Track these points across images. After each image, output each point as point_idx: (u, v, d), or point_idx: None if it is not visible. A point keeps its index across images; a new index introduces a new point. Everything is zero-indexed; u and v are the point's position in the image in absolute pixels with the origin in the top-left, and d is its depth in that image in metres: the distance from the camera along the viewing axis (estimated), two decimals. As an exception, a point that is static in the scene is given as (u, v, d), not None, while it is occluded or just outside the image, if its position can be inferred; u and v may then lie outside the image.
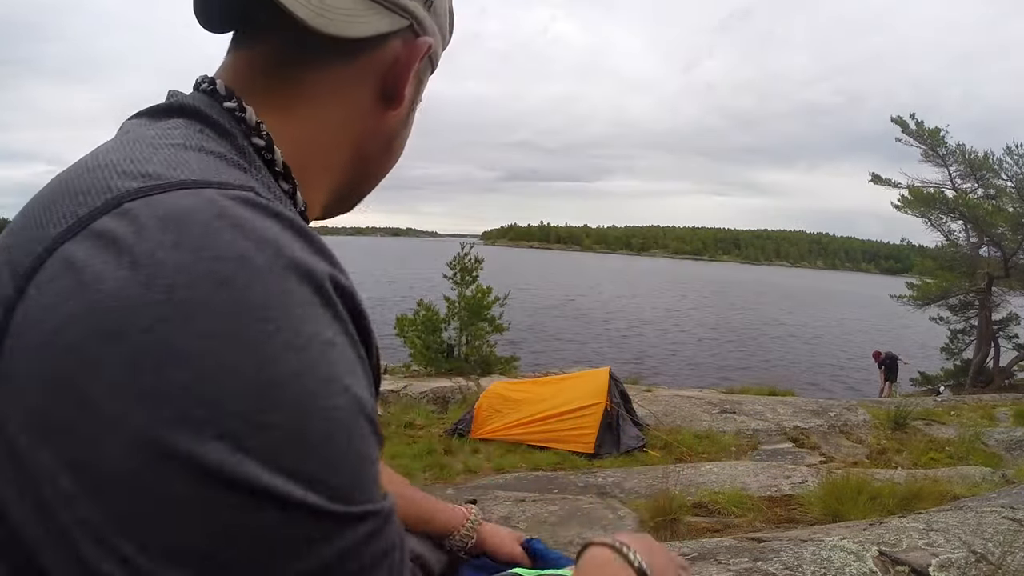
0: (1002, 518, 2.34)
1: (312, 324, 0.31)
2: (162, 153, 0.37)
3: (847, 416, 7.90)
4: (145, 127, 0.42)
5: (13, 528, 0.29)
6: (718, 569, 2.01)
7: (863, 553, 2.02)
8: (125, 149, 0.38)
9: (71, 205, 0.34)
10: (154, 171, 0.35)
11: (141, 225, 0.31)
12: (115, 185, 0.34)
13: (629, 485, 4.88)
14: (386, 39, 0.48)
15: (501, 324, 14.02)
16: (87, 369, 0.28)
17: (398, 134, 0.55)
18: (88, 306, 0.29)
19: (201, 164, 0.37)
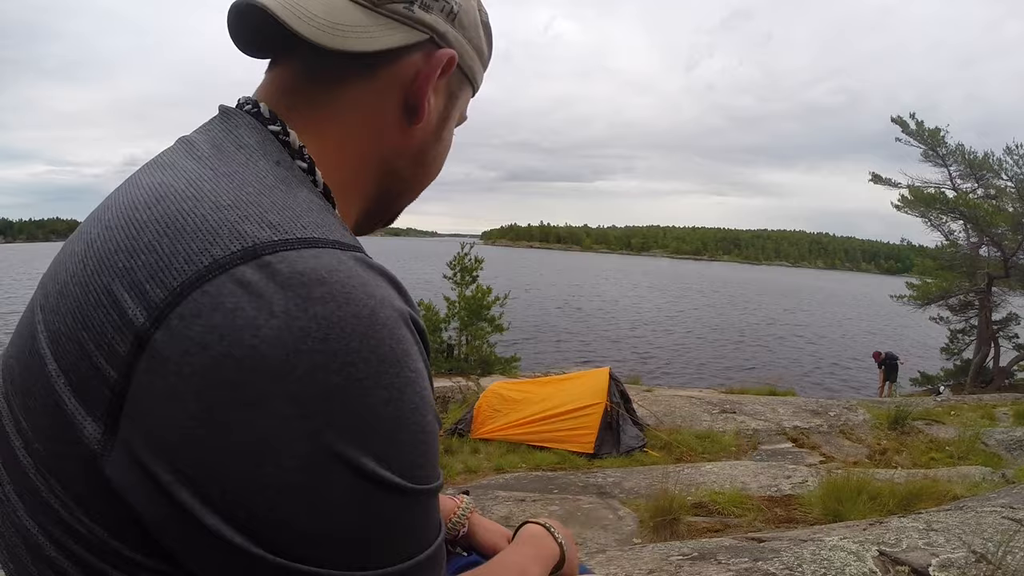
0: (1002, 518, 2.34)
1: (415, 360, 0.39)
2: (270, 197, 0.41)
3: (847, 416, 7.90)
4: (224, 156, 0.45)
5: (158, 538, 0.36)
6: (718, 569, 2.01)
7: (863, 553, 2.02)
8: (231, 187, 0.41)
9: (202, 243, 0.37)
10: (277, 221, 0.39)
11: (285, 281, 0.36)
12: (247, 233, 0.37)
13: (629, 485, 4.88)
14: (405, 53, 0.50)
15: (501, 324, 14.03)
16: (251, 403, 0.33)
17: (429, 149, 0.56)
18: (248, 348, 0.34)
19: (311, 217, 0.41)
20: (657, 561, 2.20)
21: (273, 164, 0.44)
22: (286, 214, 0.40)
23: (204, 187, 0.41)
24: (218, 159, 0.44)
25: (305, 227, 0.39)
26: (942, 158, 15.99)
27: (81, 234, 0.44)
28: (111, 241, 0.40)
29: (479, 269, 14.37)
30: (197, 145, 0.46)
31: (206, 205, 0.39)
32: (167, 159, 0.46)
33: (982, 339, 16.26)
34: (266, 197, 0.41)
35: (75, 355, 0.37)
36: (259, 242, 0.37)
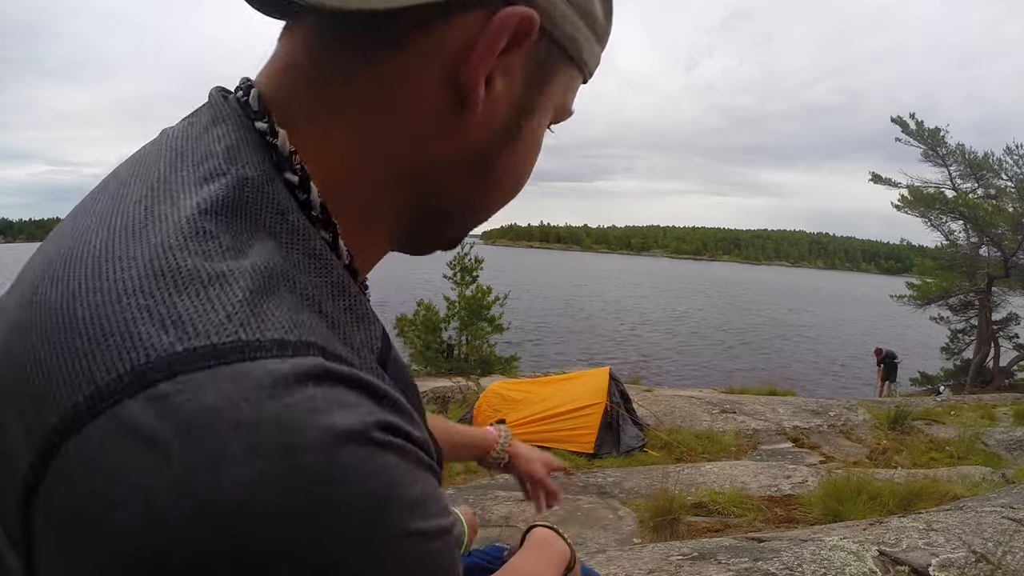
0: (1002, 518, 2.34)
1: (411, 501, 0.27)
2: (192, 265, 0.29)
3: (847, 416, 7.90)
4: (175, 177, 0.34)
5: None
6: (718, 569, 2.01)
7: (863, 553, 2.02)
8: (154, 244, 0.30)
9: (86, 359, 0.26)
10: (191, 312, 0.27)
11: (186, 426, 0.24)
12: (141, 338, 0.26)
13: (629, 485, 4.88)
14: (453, 11, 0.35)
15: (501, 324, 14.03)
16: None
17: (494, 152, 0.40)
18: (128, 536, 0.23)
19: (256, 294, 0.28)
20: (657, 561, 2.20)
21: (229, 210, 0.32)
22: (211, 295, 0.28)
23: (116, 248, 0.30)
24: (164, 185, 0.33)
25: (236, 318, 0.27)
26: (942, 158, 16.00)
27: (16, 286, 0.34)
28: (6, 334, 0.30)
29: (479, 269, 14.38)
30: (159, 155, 0.36)
31: (107, 285, 0.28)
32: (118, 179, 0.36)
33: (982, 339, 16.26)
34: (195, 260, 0.29)
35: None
36: (153, 357, 0.25)
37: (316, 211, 0.35)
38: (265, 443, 0.24)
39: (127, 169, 0.37)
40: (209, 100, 0.39)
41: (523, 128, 0.40)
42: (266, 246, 0.31)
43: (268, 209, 0.33)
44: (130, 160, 0.38)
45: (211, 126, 0.37)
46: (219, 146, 0.35)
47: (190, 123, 0.38)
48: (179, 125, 0.39)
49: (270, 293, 0.29)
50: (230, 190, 0.33)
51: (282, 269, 0.31)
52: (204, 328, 0.26)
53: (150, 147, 0.38)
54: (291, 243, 0.33)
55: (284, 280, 0.30)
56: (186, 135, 0.37)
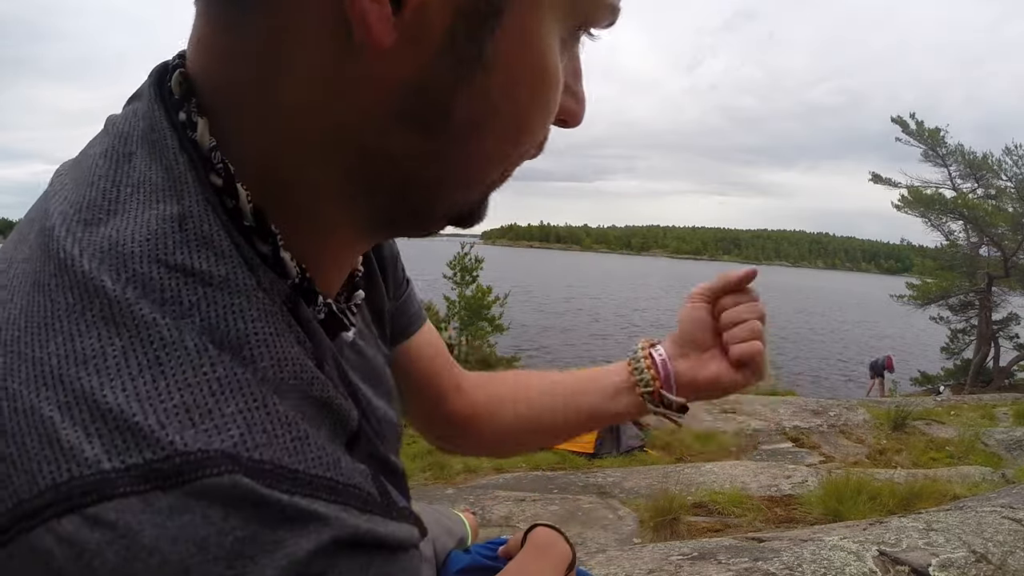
0: (1002, 518, 2.34)
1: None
2: (101, 342, 0.23)
3: (847, 416, 7.90)
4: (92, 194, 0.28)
5: None
6: (718, 569, 2.01)
7: (863, 553, 2.02)
8: (58, 307, 0.25)
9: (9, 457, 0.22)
10: (112, 406, 0.22)
11: (88, 568, 0.20)
12: (41, 468, 0.21)
13: (629, 485, 4.88)
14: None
15: (501, 324, 14.04)
16: None
17: (436, 90, 0.28)
18: None
19: (182, 389, 0.23)
20: (657, 561, 2.20)
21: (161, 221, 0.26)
22: (140, 383, 0.23)
23: (31, 310, 0.25)
24: (76, 210, 0.27)
25: (155, 427, 0.22)
26: (942, 158, 16.00)
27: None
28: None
29: (479, 269, 14.38)
30: (89, 168, 0.30)
31: (20, 368, 0.23)
32: (55, 199, 0.29)
33: (982, 339, 16.26)
34: (103, 332, 0.24)
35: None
36: (79, 476, 0.21)
37: (248, 220, 0.29)
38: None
39: (70, 175, 0.31)
40: (140, 91, 0.32)
41: (486, 46, 0.27)
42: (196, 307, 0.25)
43: (194, 244, 0.26)
44: (68, 171, 0.32)
45: (125, 137, 0.30)
46: (140, 169, 0.28)
47: (126, 115, 0.32)
48: (119, 116, 0.32)
49: (209, 376, 0.23)
50: (143, 224, 0.26)
51: (225, 338, 0.25)
52: (135, 436, 0.21)
53: (92, 151, 0.31)
54: (223, 296, 0.26)
55: (227, 355, 0.24)
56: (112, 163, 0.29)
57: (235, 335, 0.25)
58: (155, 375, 0.23)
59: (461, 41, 0.27)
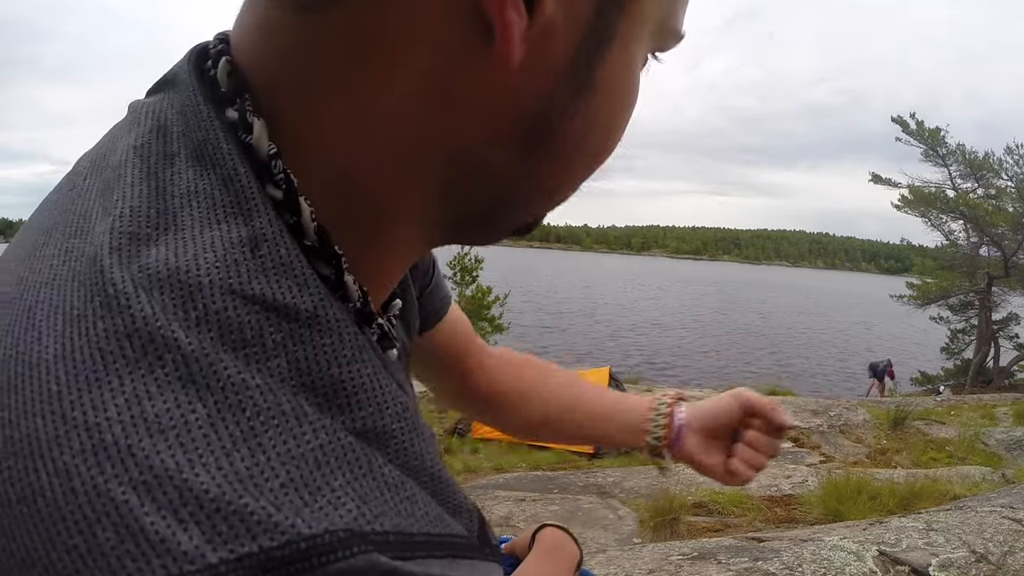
0: (1002, 518, 2.34)
1: None
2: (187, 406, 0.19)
3: (847, 416, 7.90)
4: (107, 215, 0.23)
5: None
6: (718, 569, 2.01)
7: (863, 553, 2.02)
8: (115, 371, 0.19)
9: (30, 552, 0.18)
10: (207, 487, 0.18)
11: None
12: (150, 537, 0.17)
13: (629, 485, 4.88)
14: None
15: (501, 324, 14.03)
16: None
17: (550, 112, 0.26)
18: None
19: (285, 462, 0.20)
20: (657, 561, 2.20)
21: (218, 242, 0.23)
22: (236, 456, 0.19)
23: (73, 366, 0.20)
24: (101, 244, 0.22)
25: (267, 510, 0.18)
26: (942, 158, 16.00)
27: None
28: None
29: (479, 269, 14.38)
30: (119, 165, 0.25)
31: (70, 436, 0.19)
32: (82, 199, 0.25)
33: (982, 339, 16.26)
34: (195, 397, 0.20)
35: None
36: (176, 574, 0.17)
37: (310, 239, 0.25)
38: None
39: (92, 175, 0.26)
40: (178, 72, 0.27)
41: (597, 70, 0.26)
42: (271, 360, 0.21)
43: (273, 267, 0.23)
44: (95, 157, 0.28)
45: (166, 141, 0.25)
46: (182, 181, 0.24)
47: (158, 107, 0.27)
48: (150, 104, 0.27)
49: (313, 445, 0.20)
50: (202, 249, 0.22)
51: (320, 388, 0.22)
52: (242, 522, 0.18)
53: (100, 171, 0.27)
54: (312, 335, 0.22)
55: (326, 415, 0.21)
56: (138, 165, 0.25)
57: (330, 383, 0.22)
58: (252, 449, 0.19)
59: (581, 65, 0.26)
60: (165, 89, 0.27)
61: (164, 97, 0.27)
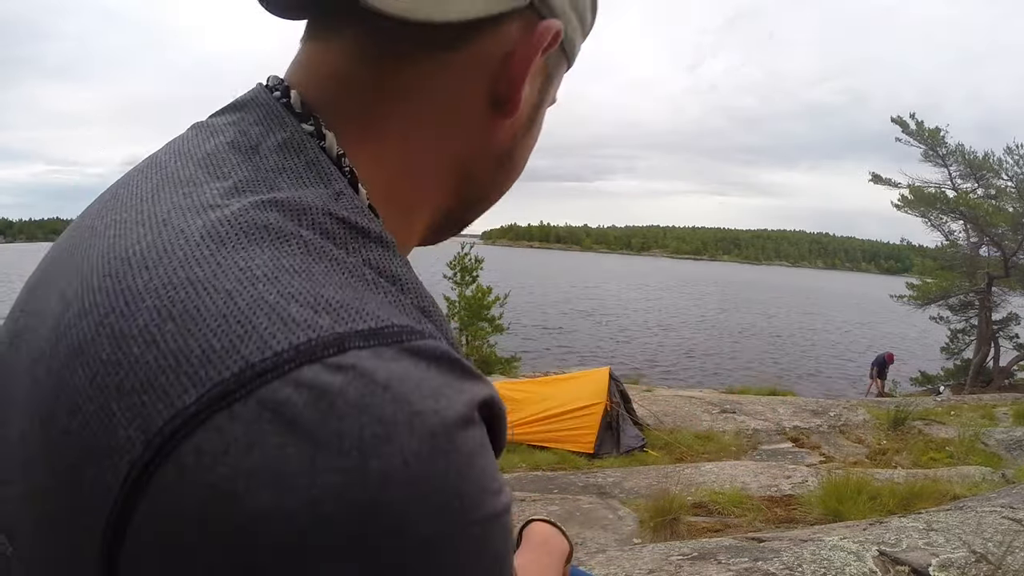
0: (1002, 518, 2.34)
1: (486, 494, 0.27)
2: (315, 261, 0.30)
3: (847, 416, 7.91)
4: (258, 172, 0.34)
5: None
6: (718, 569, 2.01)
7: (863, 553, 2.02)
8: (242, 245, 0.29)
9: (228, 338, 0.25)
10: (337, 300, 0.28)
11: (354, 402, 0.24)
12: (297, 320, 0.26)
13: (629, 485, 4.88)
14: (496, 25, 0.37)
15: (501, 324, 14.04)
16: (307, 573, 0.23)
17: (517, 145, 0.43)
18: (306, 504, 0.23)
19: (369, 290, 0.30)
20: (657, 561, 2.20)
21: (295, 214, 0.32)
22: (350, 283, 0.29)
23: (228, 224, 0.30)
24: (246, 183, 0.33)
25: (370, 310, 0.28)
26: (942, 158, 16.00)
27: (58, 277, 0.33)
28: (91, 316, 0.28)
29: (479, 269, 14.38)
30: (213, 153, 0.35)
31: (231, 274, 0.27)
32: (179, 171, 0.35)
33: (982, 339, 16.26)
34: (314, 259, 0.29)
35: (49, 483, 0.27)
36: (312, 337, 0.25)
37: None
38: (422, 423, 0.25)
39: (167, 169, 0.36)
40: (246, 99, 0.39)
41: (536, 120, 0.44)
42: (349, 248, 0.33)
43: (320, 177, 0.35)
44: (163, 162, 0.37)
45: (265, 133, 0.36)
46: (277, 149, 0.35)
47: (228, 125, 0.37)
48: (217, 125, 0.38)
49: (386, 293, 0.31)
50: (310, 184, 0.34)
51: (384, 274, 0.32)
52: (356, 315, 0.27)
53: (189, 146, 0.37)
54: (379, 248, 0.34)
55: (390, 283, 0.32)
56: (229, 137, 0.36)
57: (391, 275, 0.32)
58: (354, 287, 0.29)
59: (531, 118, 0.43)
60: (238, 109, 0.38)
61: (238, 115, 0.38)
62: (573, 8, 0.41)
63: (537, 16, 0.38)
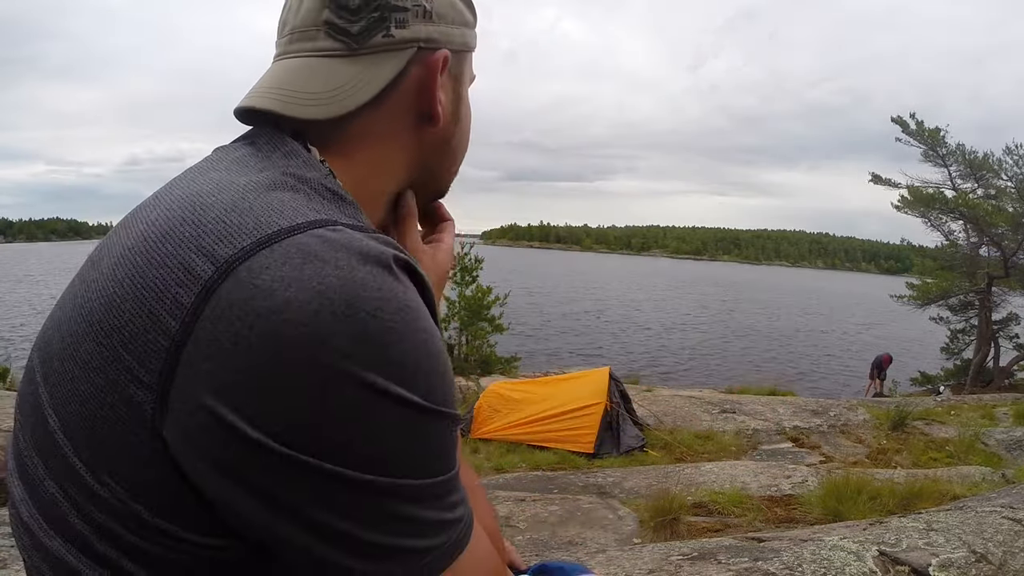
0: (1002, 518, 2.34)
1: (422, 311, 0.42)
2: (315, 200, 0.46)
3: (847, 416, 7.91)
4: (260, 162, 0.49)
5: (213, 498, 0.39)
6: (718, 569, 2.01)
7: (863, 553, 2.02)
8: (262, 195, 0.45)
9: (269, 217, 0.42)
10: (324, 211, 0.44)
11: (341, 246, 0.41)
12: (305, 213, 0.43)
13: (629, 485, 4.88)
14: (396, 83, 0.52)
15: (501, 324, 14.04)
16: (318, 340, 0.37)
17: (452, 134, 0.59)
18: (316, 292, 0.37)
19: (344, 213, 0.47)
20: (657, 561, 2.20)
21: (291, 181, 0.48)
22: (330, 208, 0.46)
23: (262, 181, 0.47)
24: (252, 167, 0.49)
25: (345, 217, 0.45)
26: (942, 158, 15.99)
27: (135, 219, 0.47)
28: (175, 218, 0.43)
29: (479, 269, 14.38)
30: (239, 158, 0.50)
31: (271, 196, 0.44)
32: (217, 165, 0.50)
33: (982, 339, 16.26)
34: (315, 201, 0.46)
35: (132, 312, 0.39)
36: (315, 219, 0.42)
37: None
38: (380, 259, 0.41)
39: (203, 166, 0.51)
40: (251, 133, 0.54)
41: (460, 110, 0.60)
42: (338, 201, 0.49)
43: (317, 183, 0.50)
44: (200, 165, 0.51)
45: (269, 148, 0.51)
46: (280, 149, 0.51)
47: (241, 143, 0.53)
48: (230, 146, 0.53)
49: (353, 214, 0.48)
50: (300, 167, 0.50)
51: (351, 214, 0.47)
52: (336, 217, 0.44)
53: (213, 156, 0.52)
54: (353, 210, 0.49)
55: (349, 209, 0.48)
56: (243, 150, 0.51)
57: (355, 218, 0.47)
58: (335, 213, 0.45)
59: (456, 111, 0.59)
60: (249, 135, 0.53)
61: (251, 139, 0.52)
62: (452, 24, 0.55)
63: (428, 52, 0.53)
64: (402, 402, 0.39)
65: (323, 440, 0.37)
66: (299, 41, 0.52)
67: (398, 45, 0.52)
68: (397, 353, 0.39)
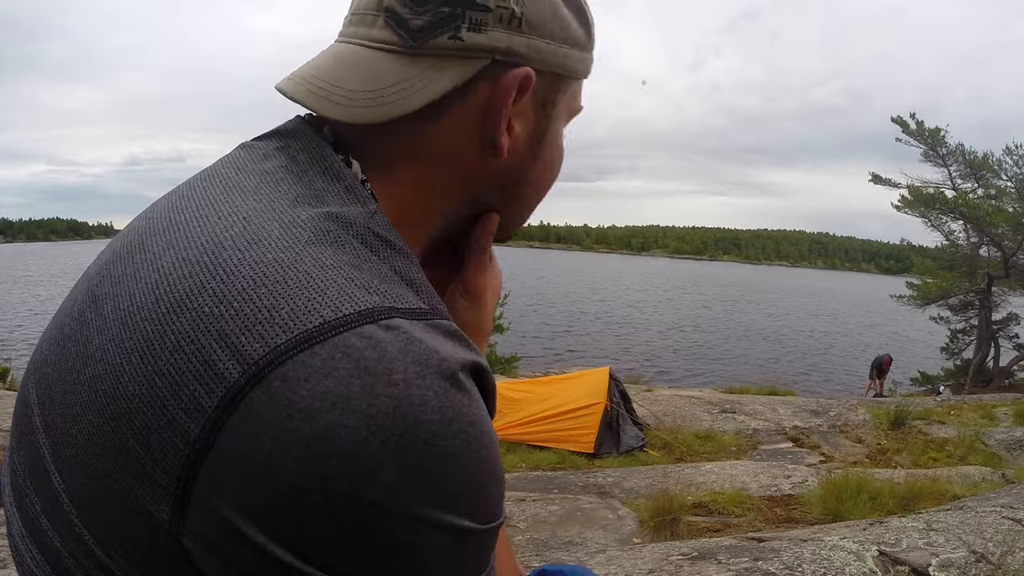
0: (1002, 518, 2.34)
1: (485, 424, 0.37)
2: (367, 260, 0.39)
3: (847, 416, 7.91)
4: (274, 200, 0.42)
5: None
6: (718, 569, 2.01)
7: (863, 553, 2.02)
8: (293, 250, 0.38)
9: (309, 301, 0.35)
10: (382, 288, 0.38)
11: (399, 349, 0.34)
12: (356, 296, 0.36)
13: (629, 485, 4.88)
14: (464, 93, 0.44)
15: (501, 324, 14.03)
16: (364, 474, 0.32)
17: (522, 173, 0.50)
18: (365, 417, 0.32)
19: (400, 285, 0.40)
20: (657, 561, 2.20)
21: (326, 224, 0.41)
22: (387, 280, 0.38)
23: (298, 225, 0.39)
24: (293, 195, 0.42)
25: (405, 297, 0.38)
26: (942, 158, 16.00)
27: (145, 253, 0.40)
28: (193, 279, 0.36)
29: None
30: (270, 171, 0.44)
31: (308, 260, 0.37)
32: (243, 181, 0.43)
33: (982, 339, 16.27)
34: (362, 260, 0.39)
35: (141, 398, 0.34)
36: (364, 308, 0.35)
37: None
38: (443, 368, 0.35)
39: (233, 180, 0.44)
40: (290, 128, 0.48)
41: (542, 147, 0.50)
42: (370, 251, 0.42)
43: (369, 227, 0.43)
44: (229, 175, 0.45)
45: (310, 161, 0.44)
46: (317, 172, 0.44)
47: (277, 149, 0.46)
48: (266, 148, 0.46)
49: (407, 275, 0.41)
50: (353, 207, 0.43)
51: (405, 280, 0.41)
52: (394, 298, 0.37)
53: (246, 163, 0.45)
54: (403, 258, 0.42)
55: (410, 291, 0.40)
56: (280, 159, 0.45)
57: (411, 280, 0.41)
58: (390, 282, 0.38)
59: (534, 146, 0.49)
60: (283, 136, 0.47)
61: (284, 141, 0.46)
62: (549, 39, 0.46)
63: (503, 68, 0.44)
64: (455, 530, 0.35)
65: (367, 569, 0.34)
66: (357, 24, 0.45)
67: (468, 52, 0.43)
68: (454, 484, 0.34)
